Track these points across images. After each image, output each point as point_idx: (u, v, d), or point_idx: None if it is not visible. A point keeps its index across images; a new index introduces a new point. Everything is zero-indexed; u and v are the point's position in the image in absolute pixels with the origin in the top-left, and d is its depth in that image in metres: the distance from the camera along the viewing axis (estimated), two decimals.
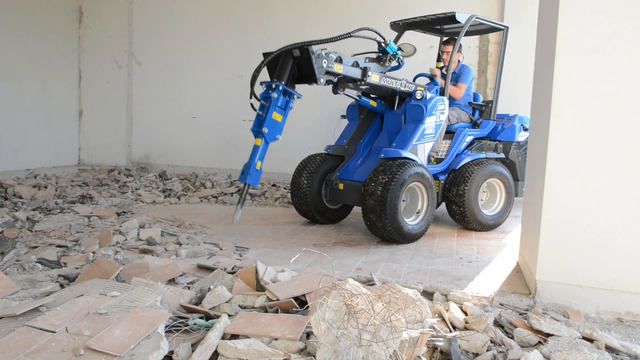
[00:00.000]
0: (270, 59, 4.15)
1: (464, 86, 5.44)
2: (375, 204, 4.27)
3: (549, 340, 2.37)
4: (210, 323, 2.39)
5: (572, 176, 2.86)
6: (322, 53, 4.15)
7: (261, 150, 4.14)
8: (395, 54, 4.70)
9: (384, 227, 4.28)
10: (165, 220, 5.06)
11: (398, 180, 4.26)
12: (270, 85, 4.14)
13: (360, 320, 2.03)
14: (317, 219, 5.18)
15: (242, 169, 4.14)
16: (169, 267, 3.28)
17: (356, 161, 5.11)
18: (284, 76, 4.14)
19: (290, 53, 4.15)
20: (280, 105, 4.14)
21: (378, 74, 4.63)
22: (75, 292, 2.65)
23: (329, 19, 7.85)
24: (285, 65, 4.17)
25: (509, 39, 5.61)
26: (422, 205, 4.67)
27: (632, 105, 2.74)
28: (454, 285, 3.30)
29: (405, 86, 4.89)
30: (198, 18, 8.74)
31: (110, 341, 2.08)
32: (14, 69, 8.31)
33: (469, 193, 4.87)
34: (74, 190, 6.57)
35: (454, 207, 4.97)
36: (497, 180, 5.19)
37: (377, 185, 4.29)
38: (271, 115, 4.10)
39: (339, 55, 4.35)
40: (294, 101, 4.26)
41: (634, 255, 2.80)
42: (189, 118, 8.93)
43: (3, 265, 3.44)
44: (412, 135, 4.75)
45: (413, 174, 4.38)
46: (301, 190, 5.05)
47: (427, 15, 5.27)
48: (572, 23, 2.80)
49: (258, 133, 4.14)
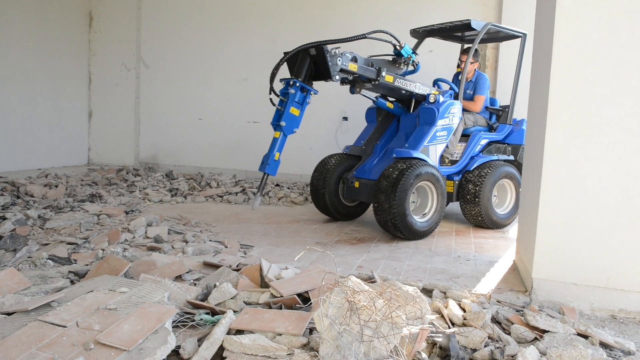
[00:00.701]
0: (288, 57, 4.36)
1: (482, 98, 5.55)
2: (388, 185, 4.40)
3: (544, 337, 2.40)
4: (216, 319, 2.41)
5: (567, 177, 2.91)
6: (337, 52, 4.31)
7: (280, 142, 4.35)
8: (410, 57, 4.83)
9: (390, 208, 4.37)
10: (172, 218, 5.13)
11: (414, 170, 4.43)
12: (288, 82, 4.34)
13: (362, 317, 2.06)
14: (334, 216, 5.37)
15: (262, 159, 4.36)
16: (176, 264, 3.30)
17: (372, 161, 5.25)
18: (301, 73, 4.34)
19: (307, 52, 4.34)
20: (297, 101, 4.34)
21: (392, 74, 4.74)
22: (85, 288, 2.67)
23: (334, 23, 7.89)
24: (303, 63, 4.37)
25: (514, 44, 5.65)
26: (431, 205, 4.77)
27: (626, 108, 2.78)
28: (452, 282, 3.34)
29: (419, 89, 5.02)
30: (204, 22, 8.80)
31: (120, 336, 2.10)
32: (26, 72, 8.41)
33: (483, 193, 5.01)
34: (83, 189, 6.64)
35: (469, 206, 5.13)
36: (508, 181, 5.34)
37: (395, 170, 4.47)
38: (289, 110, 4.30)
39: (354, 55, 4.51)
40: (311, 97, 4.44)
41: (627, 254, 2.84)
42: (195, 119, 9.01)
43: (15, 261, 3.50)
44: (424, 136, 4.88)
45: (428, 172, 4.53)
46: (319, 188, 5.23)
47: (445, 22, 5.40)
48: (568, 28, 2.84)
49: (277, 126, 4.33)
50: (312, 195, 5.36)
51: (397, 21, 7.37)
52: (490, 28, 5.23)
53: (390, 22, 7.47)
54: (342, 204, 5.33)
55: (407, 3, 7.43)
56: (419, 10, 7.31)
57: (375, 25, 7.53)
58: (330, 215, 5.38)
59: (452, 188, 5.19)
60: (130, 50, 9.39)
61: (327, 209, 5.30)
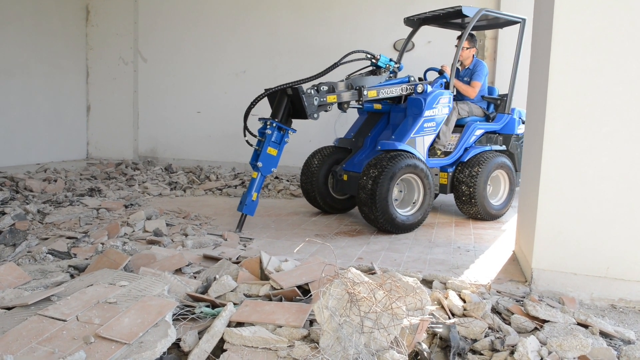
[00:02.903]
0: (263, 96, 4.42)
1: (478, 84, 5.44)
2: (366, 197, 4.35)
3: (545, 326, 2.41)
4: (216, 311, 2.42)
5: (567, 167, 2.90)
6: (312, 91, 4.30)
7: (257, 182, 4.43)
8: (388, 65, 4.86)
9: (376, 219, 4.37)
10: (171, 212, 5.13)
11: (387, 173, 4.32)
12: (266, 122, 4.38)
13: (362, 308, 2.07)
14: (324, 209, 5.35)
15: (241, 199, 4.48)
16: (176, 257, 3.31)
17: (362, 154, 5.20)
18: (279, 113, 4.38)
19: (285, 91, 4.36)
20: (275, 141, 4.40)
21: (375, 88, 4.71)
22: (85, 281, 2.68)
23: (333, 15, 7.86)
24: (281, 102, 4.41)
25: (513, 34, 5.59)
26: (418, 196, 4.71)
27: (626, 98, 2.77)
28: (452, 273, 3.34)
29: (405, 90, 4.97)
30: (202, 15, 8.76)
31: (120, 329, 2.10)
32: (24, 66, 8.37)
33: (478, 184, 4.94)
34: (82, 183, 6.64)
35: (463, 197, 5.04)
36: (502, 171, 5.27)
37: (368, 179, 4.37)
38: (266, 150, 4.36)
39: (331, 84, 4.47)
40: (289, 135, 4.47)
41: (627, 244, 2.84)
42: (194, 113, 8.99)
43: (15, 256, 3.50)
44: (410, 128, 4.81)
45: (404, 166, 4.42)
46: (309, 181, 5.22)
47: (437, 10, 5.32)
48: (567, 17, 2.82)
49: (254, 166, 4.39)
50: (304, 194, 5.37)
51: (395, 13, 7.34)
52: (487, 14, 5.15)
53: (388, 14, 7.45)
54: (333, 197, 5.31)
55: None
56: (416, 1, 7.24)
57: (374, 16, 7.56)
58: (320, 207, 5.37)
59: (445, 180, 5.11)
60: (127, 43, 9.35)
61: (316, 201, 5.31)
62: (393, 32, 7.36)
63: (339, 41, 7.74)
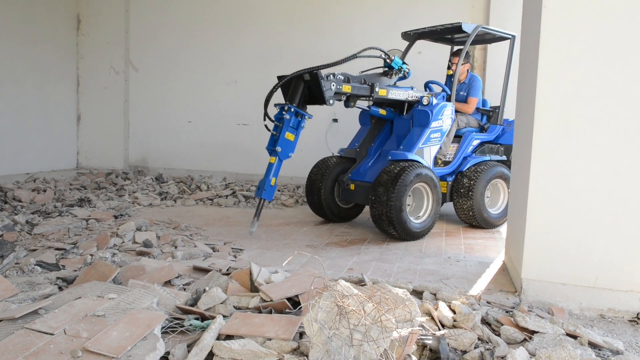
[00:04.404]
0: (283, 83, 4.42)
1: (475, 100, 5.62)
2: (389, 178, 4.46)
3: (534, 337, 2.42)
4: (205, 324, 2.40)
5: (555, 177, 2.93)
6: (331, 77, 4.37)
7: (275, 167, 4.43)
8: (400, 67, 4.92)
9: (388, 201, 4.40)
10: (162, 222, 5.11)
11: (414, 169, 4.51)
12: (283, 107, 4.40)
13: (352, 321, 2.05)
14: (329, 217, 5.40)
15: (258, 184, 4.46)
16: (165, 269, 3.29)
17: (367, 163, 5.30)
18: (295, 99, 4.41)
19: (301, 77, 4.38)
20: (292, 126, 4.42)
21: (385, 88, 4.81)
22: (73, 294, 2.66)
23: (325, 25, 7.90)
24: (297, 88, 4.43)
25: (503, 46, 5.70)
26: (426, 207, 4.81)
27: (613, 109, 2.80)
28: (442, 284, 3.35)
29: (412, 96, 5.07)
30: (193, 25, 8.77)
31: (108, 343, 2.08)
32: (13, 74, 8.33)
33: (476, 193, 5.07)
34: (72, 193, 6.60)
35: (463, 207, 5.17)
36: (500, 181, 5.40)
37: (396, 167, 4.54)
38: (284, 135, 4.38)
39: (347, 75, 4.57)
40: (305, 121, 4.51)
41: (615, 254, 2.86)
42: (185, 122, 8.97)
43: (3, 268, 3.47)
44: (418, 138, 4.93)
45: (417, 176, 4.57)
46: (315, 191, 5.26)
47: (436, 25, 5.47)
48: (555, 29, 2.86)
49: (272, 151, 4.41)
50: (308, 191, 5.36)
51: (387, 22, 7.40)
52: (480, 30, 5.29)
53: (381, 23, 7.50)
54: (336, 204, 5.36)
55: (397, 5, 7.45)
56: (408, 11, 7.33)
57: (365, 26, 7.61)
58: (324, 215, 5.40)
59: (445, 189, 5.24)
60: (118, 53, 9.34)
61: (321, 208, 5.32)
62: (386, 41, 7.37)
63: (331, 51, 7.76)
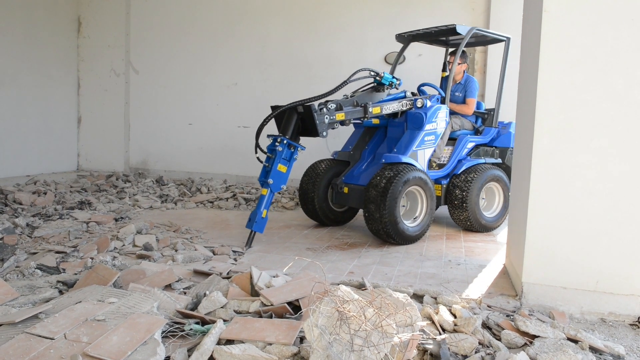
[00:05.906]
0: (276, 114, 4.42)
1: (473, 101, 5.59)
2: (377, 194, 4.42)
3: (535, 342, 2.42)
4: (206, 328, 2.40)
5: (555, 181, 2.93)
6: (324, 109, 4.35)
7: (267, 199, 4.41)
8: (391, 82, 4.94)
9: (381, 217, 4.39)
10: (162, 225, 5.10)
11: (402, 177, 4.44)
12: (275, 139, 4.37)
13: (352, 326, 2.05)
14: (322, 220, 5.36)
15: (250, 216, 4.43)
16: (165, 272, 3.29)
17: (361, 166, 5.27)
18: (288, 131, 4.39)
19: (294, 109, 4.38)
20: (284, 157, 4.39)
21: (378, 105, 4.81)
22: (74, 298, 2.66)
23: (323, 27, 7.90)
24: (290, 120, 4.43)
25: (502, 49, 5.69)
26: (421, 209, 4.80)
27: (612, 114, 2.81)
28: (443, 288, 3.35)
29: (406, 105, 5.06)
30: (193, 28, 8.78)
31: (108, 347, 2.09)
32: (14, 76, 8.34)
33: (471, 196, 5.04)
34: (72, 196, 6.60)
35: (457, 210, 5.15)
36: (496, 184, 5.37)
37: (382, 179, 4.48)
38: (276, 167, 4.35)
39: (339, 102, 4.55)
40: (298, 152, 4.48)
41: (615, 258, 2.86)
42: (185, 125, 8.97)
43: (3, 271, 3.47)
44: (412, 141, 4.91)
45: (416, 177, 4.56)
46: (308, 194, 5.24)
47: (430, 27, 5.47)
48: (555, 34, 2.86)
49: (264, 183, 4.38)
50: (301, 199, 5.35)
51: (386, 26, 7.40)
52: (475, 32, 5.28)
53: (380, 26, 7.50)
54: (330, 209, 5.34)
55: (397, 8, 7.45)
56: (407, 15, 7.33)
57: (365, 29, 7.61)
58: (319, 220, 5.37)
59: (440, 192, 5.22)
60: (119, 55, 9.35)
61: (315, 213, 5.30)
62: (385, 44, 7.41)
63: (330, 54, 7.79)
